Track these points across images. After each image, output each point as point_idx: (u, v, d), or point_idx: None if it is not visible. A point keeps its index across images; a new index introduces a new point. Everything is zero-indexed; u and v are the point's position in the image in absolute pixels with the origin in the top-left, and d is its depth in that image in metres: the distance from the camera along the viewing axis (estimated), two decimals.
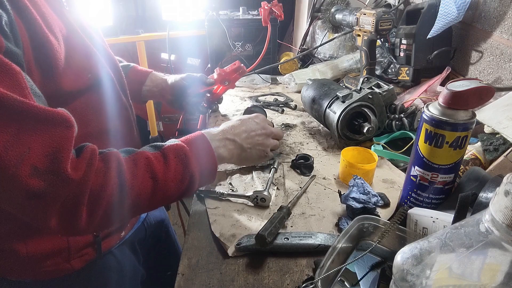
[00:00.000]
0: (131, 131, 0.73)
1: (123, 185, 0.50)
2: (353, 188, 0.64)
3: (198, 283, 0.53)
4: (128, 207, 0.52)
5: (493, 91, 0.52)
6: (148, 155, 0.55)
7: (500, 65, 0.94)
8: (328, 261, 0.50)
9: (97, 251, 0.67)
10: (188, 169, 0.58)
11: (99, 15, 1.69)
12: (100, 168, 0.49)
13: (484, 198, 0.50)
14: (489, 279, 0.32)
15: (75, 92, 0.57)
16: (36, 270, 0.62)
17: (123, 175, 0.51)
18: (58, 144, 0.44)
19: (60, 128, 0.45)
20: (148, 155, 0.55)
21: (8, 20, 0.44)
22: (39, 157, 0.43)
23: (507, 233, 0.29)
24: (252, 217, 0.66)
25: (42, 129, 0.43)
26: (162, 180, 0.55)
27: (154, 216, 0.90)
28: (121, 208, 0.51)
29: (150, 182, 0.53)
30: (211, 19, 1.41)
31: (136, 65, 0.93)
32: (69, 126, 0.46)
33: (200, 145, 0.63)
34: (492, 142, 0.70)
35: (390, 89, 0.91)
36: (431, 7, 1.05)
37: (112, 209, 0.50)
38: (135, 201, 0.52)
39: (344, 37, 1.38)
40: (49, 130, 0.44)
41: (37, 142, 0.43)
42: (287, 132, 0.99)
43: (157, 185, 0.54)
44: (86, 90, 0.59)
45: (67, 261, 0.64)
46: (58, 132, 0.45)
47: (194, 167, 0.59)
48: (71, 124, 0.46)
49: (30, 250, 0.60)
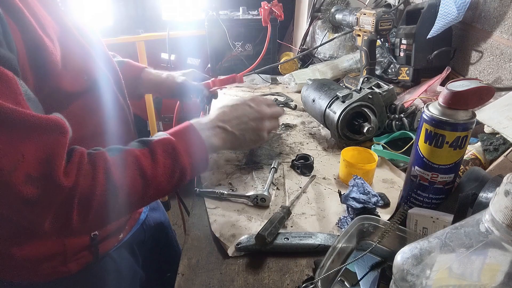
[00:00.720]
0: (129, 131, 0.73)
1: (112, 186, 0.50)
2: (353, 188, 0.64)
3: (198, 283, 0.53)
4: (120, 206, 0.52)
5: (493, 91, 0.52)
6: (135, 152, 0.54)
7: (500, 65, 0.94)
8: (328, 261, 0.50)
9: (94, 254, 0.67)
10: (178, 162, 0.57)
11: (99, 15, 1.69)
12: (88, 171, 0.49)
13: (484, 198, 0.50)
14: (489, 279, 0.32)
15: (72, 94, 0.56)
16: (32, 272, 0.62)
17: (111, 176, 0.50)
18: (51, 151, 0.44)
19: (54, 134, 0.45)
20: (136, 153, 0.54)
21: (0, 24, 0.43)
22: (33, 164, 0.43)
23: (507, 233, 0.29)
24: (252, 217, 0.66)
25: (35, 136, 0.43)
26: (151, 177, 0.54)
27: (153, 218, 0.89)
28: (113, 208, 0.51)
29: (139, 180, 0.53)
30: (211, 19, 1.41)
31: (130, 60, 0.92)
32: (63, 132, 0.46)
33: (189, 136, 0.61)
34: (492, 142, 0.70)
35: (390, 89, 0.91)
36: (431, 7, 1.05)
37: (104, 210, 0.50)
38: (127, 199, 0.52)
39: (344, 37, 1.38)
40: (43, 137, 0.44)
41: (30, 149, 0.43)
42: (287, 132, 0.99)
43: (147, 182, 0.54)
44: (83, 92, 0.58)
45: (64, 264, 0.63)
46: (52, 139, 0.45)
47: (183, 159, 0.58)
48: (65, 130, 0.46)
49: (25, 253, 0.60)
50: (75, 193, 0.46)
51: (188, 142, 0.60)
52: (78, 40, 0.59)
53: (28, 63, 0.48)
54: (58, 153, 0.45)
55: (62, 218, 0.47)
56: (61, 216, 0.47)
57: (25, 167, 0.42)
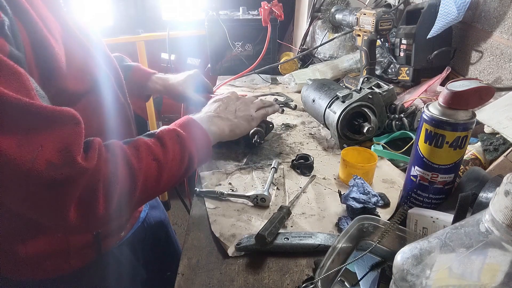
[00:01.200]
0: (130, 130, 0.74)
1: (131, 170, 0.53)
2: (353, 188, 0.64)
3: (198, 283, 0.53)
4: (139, 192, 0.54)
5: (493, 91, 0.52)
6: (145, 141, 0.58)
7: (500, 65, 0.94)
8: (328, 261, 0.50)
9: (97, 251, 0.67)
10: (185, 148, 0.61)
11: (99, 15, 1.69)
12: (108, 156, 0.51)
13: (484, 198, 0.50)
14: (489, 279, 0.32)
15: (77, 94, 0.57)
16: (35, 270, 0.62)
17: (129, 161, 0.53)
18: (69, 140, 0.46)
19: (69, 125, 0.46)
20: (146, 141, 0.58)
21: (10, 24, 0.44)
22: (52, 153, 0.44)
23: (507, 233, 0.29)
24: (252, 217, 0.66)
25: (52, 128, 0.45)
26: (164, 162, 0.57)
27: (154, 216, 0.90)
28: (133, 194, 0.53)
29: (154, 163, 0.56)
30: (211, 19, 1.41)
31: (139, 64, 0.95)
32: (77, 122, 0.47)
33: (190, 126, 0.66)
34: (492, 142, 0.70)
35: (390, 89, 0.91)
36: (431, 7, 1.04)
37: (125, 196, 0.52)
38: (144, 184, 0.54)
39: (344, 37, 1.38)
40: (59, 128, 0.45)
41: (48, 140, 0.44)
42: (287, 132, 0.99)
43: (161, 166, 0.56)
44: (87, 92, 0.59)
45: (67, 261, 0.64)
46: (67, 129, 0.46)
47: (190, 145, 0.62)
48: (79, 121, 0.48)
49: (29, 251, 0.60)
50: (99, 177, 0.48)
51: (191, 130, 0.65)
52: (80, 40, 0.59)
53: (34, 63, 0.48)
54: (76, 141, 0.46)
55: (88, 203, 0.48)
56: (86, 201, 0.48)
57: (45, 156, 0.43)
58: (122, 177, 0.51)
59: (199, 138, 0.66)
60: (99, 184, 0.48)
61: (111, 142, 0.54)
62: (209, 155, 0.69)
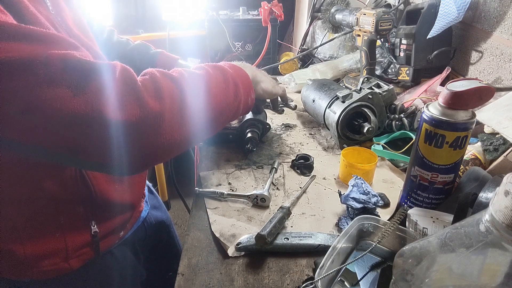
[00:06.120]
0: None
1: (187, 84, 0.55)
2: (353, 188, 0.64)
3: (198, 283, 0.53)
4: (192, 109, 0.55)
5: (493, 91, 0.52)
6: (186, 69, 0.59)
7: (500, 65, 0.94)
8: (328, 261, 0.50)
9: (95, 250, 0.67)
10: (226, 75, 0.63)
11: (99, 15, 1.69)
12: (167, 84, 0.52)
13: (484, 198, 0.50)
14: (489, 279, 0.32)
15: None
16: (34, 270, 0.62)
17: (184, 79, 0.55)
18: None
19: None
20: (187, 69, 0.59)
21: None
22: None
23: (507, 233, 0.29)
24: (252, 217, 0.66)
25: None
26: (209, 85, 0.59)
27: (154, 216, 0.90)
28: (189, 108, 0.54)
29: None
30: (211, 19, 1.41)
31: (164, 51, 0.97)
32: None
33: (224, 65, 0.67)
34: (492, 142, 0.70)
35: (390, 89, 0.91)
36: (431, 7, 1.05)
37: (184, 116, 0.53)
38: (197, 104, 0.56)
39: (344, 37, 1.38)
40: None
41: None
42: (287, 132, 0.99)
43: (207, 87, 0.58)
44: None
45: (65, 260, 0.64)
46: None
47: (230, 73, 0.64)
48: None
49: (27, 251, 0.60)
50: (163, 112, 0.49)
51: (229, 65, 0.67)
52: (82, 40, 0.59)
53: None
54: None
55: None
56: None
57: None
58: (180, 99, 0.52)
59: (238, 71, 0.67)
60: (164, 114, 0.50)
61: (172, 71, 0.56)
62: (251, 92, 0.69)
